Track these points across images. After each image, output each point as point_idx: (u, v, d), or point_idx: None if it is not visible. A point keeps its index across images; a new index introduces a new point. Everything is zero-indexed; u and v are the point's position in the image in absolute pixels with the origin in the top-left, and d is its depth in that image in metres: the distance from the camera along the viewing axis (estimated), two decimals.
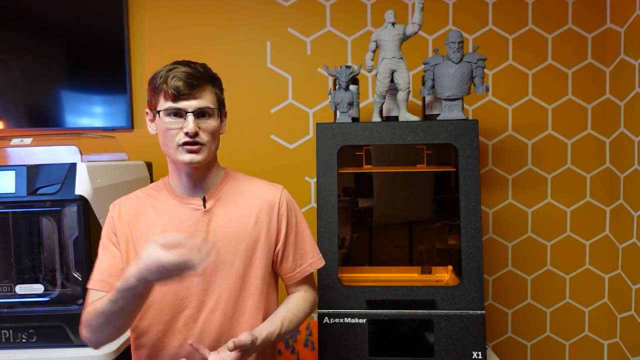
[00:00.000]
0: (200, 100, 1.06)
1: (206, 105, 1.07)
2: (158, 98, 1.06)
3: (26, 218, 1.43)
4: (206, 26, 1.99)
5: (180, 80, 1.03)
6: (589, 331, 2.00)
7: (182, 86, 1.03)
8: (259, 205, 1.16)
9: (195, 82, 1.05)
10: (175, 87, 1.02)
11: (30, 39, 1.95)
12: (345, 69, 1.50)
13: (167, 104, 1.04)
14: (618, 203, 1.89)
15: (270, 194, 1.18)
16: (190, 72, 1.05)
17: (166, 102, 1.05)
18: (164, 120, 1.05)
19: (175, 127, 1.05)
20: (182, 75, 1.03)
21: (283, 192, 1.20)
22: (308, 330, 1.80)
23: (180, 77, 1.03)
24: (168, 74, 1.04)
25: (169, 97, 1.04)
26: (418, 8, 1.47)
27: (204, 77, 1.07)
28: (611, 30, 1.90)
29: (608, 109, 1.94)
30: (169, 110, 1.05)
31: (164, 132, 1.06)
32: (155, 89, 1.06)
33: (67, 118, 1.96)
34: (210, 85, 1.09)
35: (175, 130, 1.05)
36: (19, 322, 1.40)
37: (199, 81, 1.05)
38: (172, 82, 1.03)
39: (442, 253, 1.76)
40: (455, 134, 1.45)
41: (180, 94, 1.03)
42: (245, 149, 1.99)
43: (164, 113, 1.05)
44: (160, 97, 1.06)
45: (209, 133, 1.07)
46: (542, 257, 1.99)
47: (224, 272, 1.11)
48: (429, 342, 1.43)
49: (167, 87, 1.03)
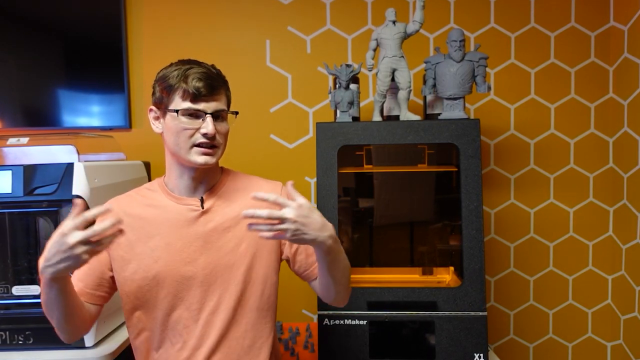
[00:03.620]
0: (218, 102, 1.06)
1: (222, 107, 1.07)
2: (172, 97, 1.04)
3: (23, 218, 1.42)
4: (205, 24, 1.97)
5: (200, 80, 1.02)
6: (592, 333, 1.98)
7: (203, 87, 1.02)
8: (258, 204, 1.14)
9: (215, 84, 1.05)
10: (197, 88, 1.02)
11: (27, 37, 1.94)
12: (345, 68, 1.49)
13: (186, 104, 1.03)
14: (621, 203, 1.87)
15: (270, 191, 1.16)
16: (208, 72, 1.04)
17: (184, 101, 1.03)
18: (180, 120, 1.04)
19: (192, 127, 1.04)
20: (202, 75, 1.03)
21: (283, 188, 1.19)
22: (308, 331, 1.78)
23: (200, 78, 1.02)
24: (187, 73, 1.03)
25: (188, 97, 1.03)
26: (419, 6, 1.47)
27: (219, 78, 1.07)
28: (614, 28, 1.89)
29: (611, 108, 1.92)
30: (189, 111, 1.03)
31: (179, 131, 1.04)
32: (169, 87, 1.04)
33: (64, 117, 1.95)
34: (224, 87, 1.09)
35: (191, 130, 1.04)
36: (15, 323, 1.39)
37: (217, 82, 1.06)
38: (193, 83, 1.02)
39: (443, 254, 1.75)
40: (457, 134, 1.44)
41: (201, 95, 1.02)
42: (245, 149, 1.97)
43: (182, 113, 1.03)
44: (176, 96, 1.04)
45: (223, 135, 1.08)
46: (544, 258, 1.97)
47: (224, 274, 1.09)
48: (430, 344, 1.43)
49: (187, 87, 1.02)
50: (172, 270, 1.07)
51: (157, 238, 1.08)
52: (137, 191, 1.16)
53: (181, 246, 1.08)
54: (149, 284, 1.07)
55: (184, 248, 1.08)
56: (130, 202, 1.13)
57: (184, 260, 1.08)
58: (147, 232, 1.09)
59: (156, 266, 1.07)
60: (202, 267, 1.08)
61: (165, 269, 1.07)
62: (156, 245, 1.08)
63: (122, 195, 1.16)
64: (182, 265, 1.07)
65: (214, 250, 1.09)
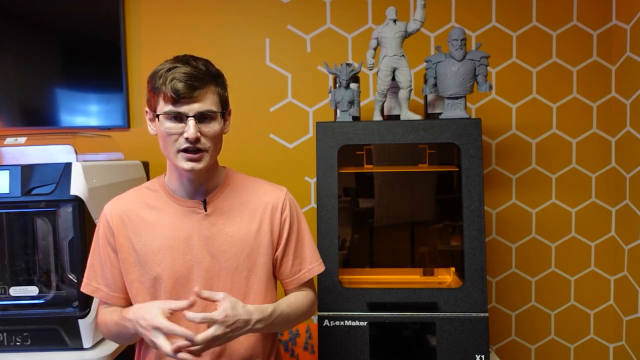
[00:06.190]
0: (201, 103, 1.00)
1: (208, 108, 1.01)
2: (157, 99, 1.01)
3: (20, 219, 1.41)
4: (204, 23, 1.97)
5: (179, 82, 0.97)
6: (594, 334, 1.97)
7: (182, 89, 0.97)
8: (262, 208, 1.12)
9: (197, 84, 0.98)
10: (175, 90, 0.97)
11: (25, 36, 1.93)
12: (345, 67, 1.49)
13: (167, 107, 0.99)
14: (624, 203, 1.86)
15: (274, 196, 1.14)
16: (191, 72, 0.98)
17: (166, 105, 0.99)
18: (163, 125, 1.00)
19: (175, 132, 1.00)
20: (182, 76, 0.97)
21: (287, 195, 1.17)
22: (308, 333, 1.77)
23: (180, 79, 0.97)
24: (167, 75, 0.98)
25: (169, 100, 0.98)
26: (420, 5, 1.46)
27: (206, 77, 1.00)
28: (617, 27, 1.88)
29: (614, 107, 1.91)
30: (169, 114, 0.99)
31: (164, 136, 1.01)
32: (154, 89, 1.01)
33: (62, 117, 1.94)
34: (212, 86, 1.03)
35: (175, 136, 1.00)
36: (13, 324, 1.39)
37: (201, 82, 0.99)
38: (172, 84, 0.97)
39: (444, 254, 1.74)
40: (458, 133, 1.43)
41: (180, 97, 0.97)
42: (244, 149, 1.97)
43: (164, 117, 1.00)
44: (160, 99, 1.00)
45: (210, 138, 1.02)
46: (546, 258, 1.96)
47: (226, 278, 1.08)
48: (431, 345, 1.42)
49: (166, 89, 0.97)
50: (174, 273, 1.06)
51: (160, 241, 1.07)
52: (137, 191, 1.14)
53: (184, 249, 1.06)
54: (153, 286, 1.06)
55: (186, 251, 1.07)
56: (131, 203, 1.10)
57: (186, 264, 1.06)
58: (149, 234, 1.07)
59: (158, 269, 1.06)
60: (205, 271, 1.07)
61: (167, 271, 1.06)
62: (158, 248, 1.06)
63: (122, 196, 1.13)
64: (185, 269, 1.06)
65: (217, 254, 1.07)
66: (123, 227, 1.08)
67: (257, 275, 1.10)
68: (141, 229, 1.08)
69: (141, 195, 1.12)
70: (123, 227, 1.08)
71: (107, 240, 1.09)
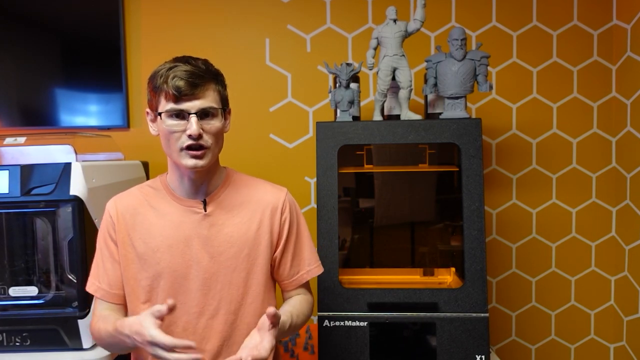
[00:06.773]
0: (203, 100, 1.01)
1: (209, 105, 1.02)
2: (159, 99, 1.02)
3: (20, 219, 1.41)
4: (204, 22, 1.96)
5: (181, 79, 0.98)
6: (594, 334, 1.97)
7: (184, 86, 0.98)
8: (262, 209, 1.12)
9: (198, 81, 1.00)
10: (176, 87, 0.98)
11: (24, 36, 1.93)
12: (345, 67, 1.49)
13: (169, 105, 1.00)
14: (624, 204, 1.86)
15: (274, 197, 1.14)
16: (191, 70, 1.00)
17: (167, 103, 1.00)
18: (166, 123, 1.01)
19: (178, 129, 1.01)
20: (183, 74, 0.98)
21: (287, 195, 1.17)
22: (308, 333, 1.77)
23: (181, 77, 0.98)
24: (168, 73, 0.99)
25: (170, 98, 0.99)
26: (420, 4, 1.45)
27: (206, 74, 1.02)
28: (617, 27, 1.87)
29: (614, 107, 1.91)
30: (171, 112, 1.00)
31: (167, 135, 1.02)
32: (155, 89, 1.02)
33: (61, 117, 1.94)
34: (213, 83, 1.04)
35: (177, 134, 1.01)
36: (12, 325, 1.38)
37: (201, 80, 1.01)
38: (173, 82, 0.98)
39: (444, 255, 1.74)
40: (458, 133, 1.43)
41: (182, 95, 0.99)
42: (244, 149, 1.96)
43: (166, 115, 1.01)
44: (161, 97, 1.01)
45: (212, 135, 1.03)
46: (546, 258, 1.96)
47: (225, 278, 1.08)
48: (432, 345, 1.42)
49: (167, 87, 0.99)
50: (172, 272, 1.06)
51: (159, 239, 1.07)
52: (140, 188, 1.14)
53: (183, 248, 1.07)
54: (151, 285, 1.06)
55: (185, 250, 1.07)
56: (133, 201, 1.11)
57: (185, 263, 1.06)
58: (149, 232, 1.08)
59: (157, 267, 1.06)
60: (203, 271, 1.07)
61: (166, 270, 1.06)
62: (157, 247, 1.06)
63: (124, 193, 1.14)
64: (183, 268, 1.06)
65: (216, 254, 1.07)
66: (124, 224, 1.08)
67: (256, 276, 1.10)
68: (141, 227, 1.08)
69: (143, 193, 1.13)
70: (124, 224, 1.08)
71: (109, 235, 1.10)
